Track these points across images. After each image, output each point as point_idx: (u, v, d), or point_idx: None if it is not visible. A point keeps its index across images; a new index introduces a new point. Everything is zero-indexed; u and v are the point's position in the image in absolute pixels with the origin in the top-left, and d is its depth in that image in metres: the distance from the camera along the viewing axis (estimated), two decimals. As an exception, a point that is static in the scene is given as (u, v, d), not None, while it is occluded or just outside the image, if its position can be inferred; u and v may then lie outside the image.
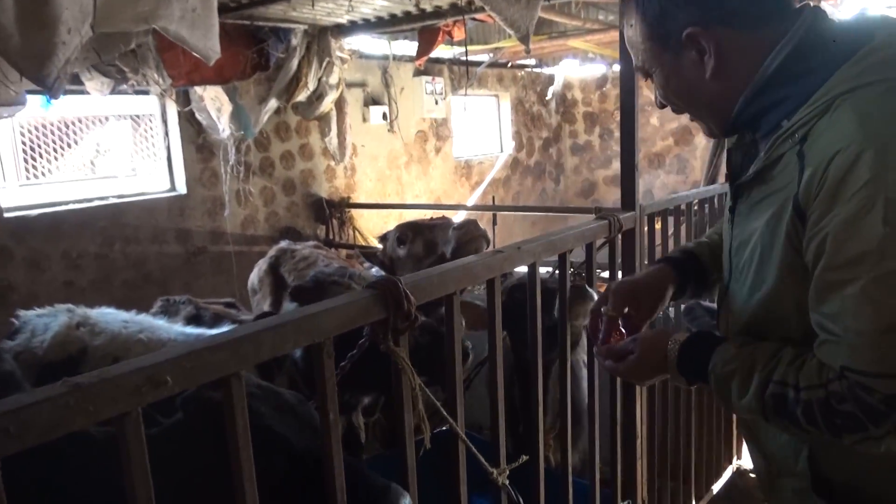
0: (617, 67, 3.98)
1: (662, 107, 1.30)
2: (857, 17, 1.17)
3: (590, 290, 1.94)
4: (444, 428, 1.50)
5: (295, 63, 4.83)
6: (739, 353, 1.14)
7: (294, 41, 4.75)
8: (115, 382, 0.87)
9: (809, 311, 1.05)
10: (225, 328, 2.13)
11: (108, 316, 2.26)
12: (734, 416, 2.95)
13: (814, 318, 1.04)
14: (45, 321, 2.22)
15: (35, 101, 4.04)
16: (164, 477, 0.94)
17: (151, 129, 5.04)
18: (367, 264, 2.91)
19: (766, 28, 1.11)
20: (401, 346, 1.27)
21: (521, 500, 1.60)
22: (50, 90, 1.73)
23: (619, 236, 2.13)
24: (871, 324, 0.95)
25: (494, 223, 5.51)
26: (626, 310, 1.44)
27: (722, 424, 3.09)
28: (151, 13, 2.03)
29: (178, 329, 2.26)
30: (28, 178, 4.52)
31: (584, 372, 2.18)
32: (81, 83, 3.99)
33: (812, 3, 1.14)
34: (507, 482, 1.56)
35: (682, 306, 2.12)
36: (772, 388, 1.07)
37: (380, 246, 6.30)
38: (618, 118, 2.31)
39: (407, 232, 2.72)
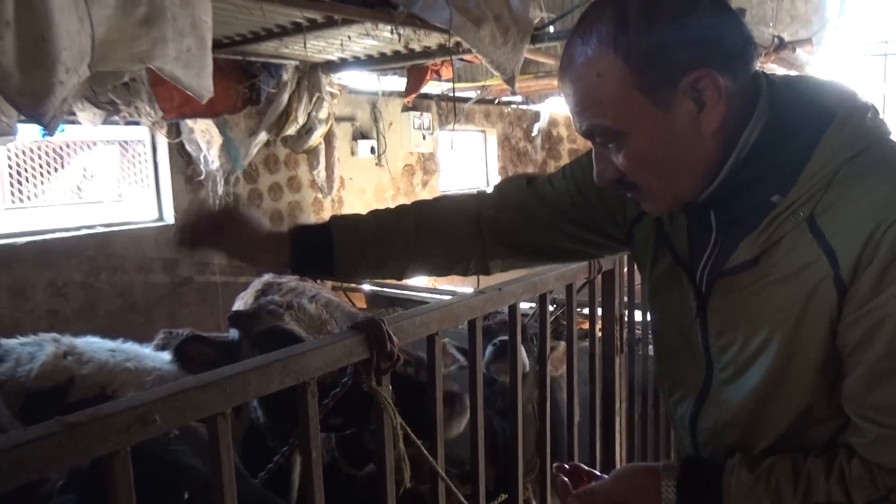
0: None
1: (607, 183, 1.03)
2: (804, 80, 1.04)
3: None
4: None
5: (285, 97, 4.90)
6: (758, 478, 0.97)
7: (285, 76, 4.83)
8: (106, 421, 0.89)
9: (847, 401, 0.92)
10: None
11: (94, 345, 2.27)
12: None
13: (857, 411, 0.92)
14: (31, 350, 2.23)
15: (29, 128, 4.07)
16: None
17: (139, 154, 5.07)
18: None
19: (750, 84, 0.97)
20: (383, 386, 1.31)
21: (499, 539, 1.63)
22: (46, 127, 1.77)
23: (599, 277, 2.18)
24: None
25: (479, 258, 5.57)
26: None
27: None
28: (147, 53, 2.09)
29: (163, 357, 2.27)
30: (14, 202, 4.53)
31: (563, 413, 2.22)
32: (73, 113, 4.04)
33: (783, 51, 1.02)
34: (485, 520, 1.59)
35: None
36: None
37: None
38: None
39: None
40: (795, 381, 0.96)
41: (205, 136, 4.69)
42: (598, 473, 1.19)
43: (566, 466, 1.21)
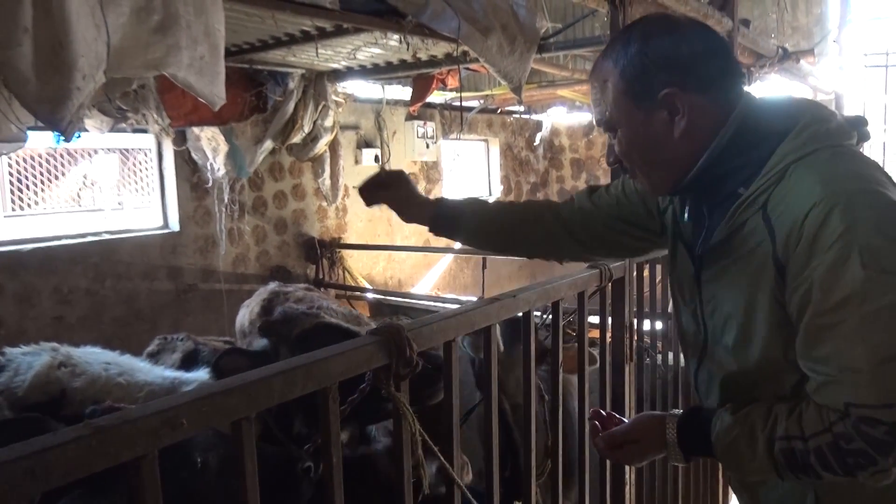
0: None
1: (613, 164, 1.35)
2: (781, 98, 1.29)
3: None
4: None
5: (291, 106, 4.92)
6: (737, 420, 1.20)
7: (291, 85, 4.85)
8: (136, 425, 0.89)
9: (798, 357, 1.12)
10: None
11: (91, 356, 2.22)
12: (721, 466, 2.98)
13: (805, 364, 1.11)
14: (30, 360, 2.18)
15: (31, 135, 4.06)
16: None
17: (140, 162, 5.08)
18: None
19: (726, 101, 1.23)
20: (401, 392, 1.31)
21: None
22: (63, 133, 1.78)
23: (610, 285, 2.18)
24: (865, 359, 1.03)
25: (484, 266, 5.57)
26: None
27: (709, 473, 3.11)
28: (161, 60, 2.10)
29: (157, 372, 2.23)
30: (14, 210, 4.52)
31: (574, 420, 2.22)
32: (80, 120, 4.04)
33: (781, 63, 1.22)
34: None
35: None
36: (779, 445, 1.13)
37: (367, 284, 6.25)
38: (604, 165, 2.40)
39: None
40: (755, 340, 1.19)
41: (211, 143, 4.70)
42: (624, 420, 1.44)
43: (602, 413, 1.48)
